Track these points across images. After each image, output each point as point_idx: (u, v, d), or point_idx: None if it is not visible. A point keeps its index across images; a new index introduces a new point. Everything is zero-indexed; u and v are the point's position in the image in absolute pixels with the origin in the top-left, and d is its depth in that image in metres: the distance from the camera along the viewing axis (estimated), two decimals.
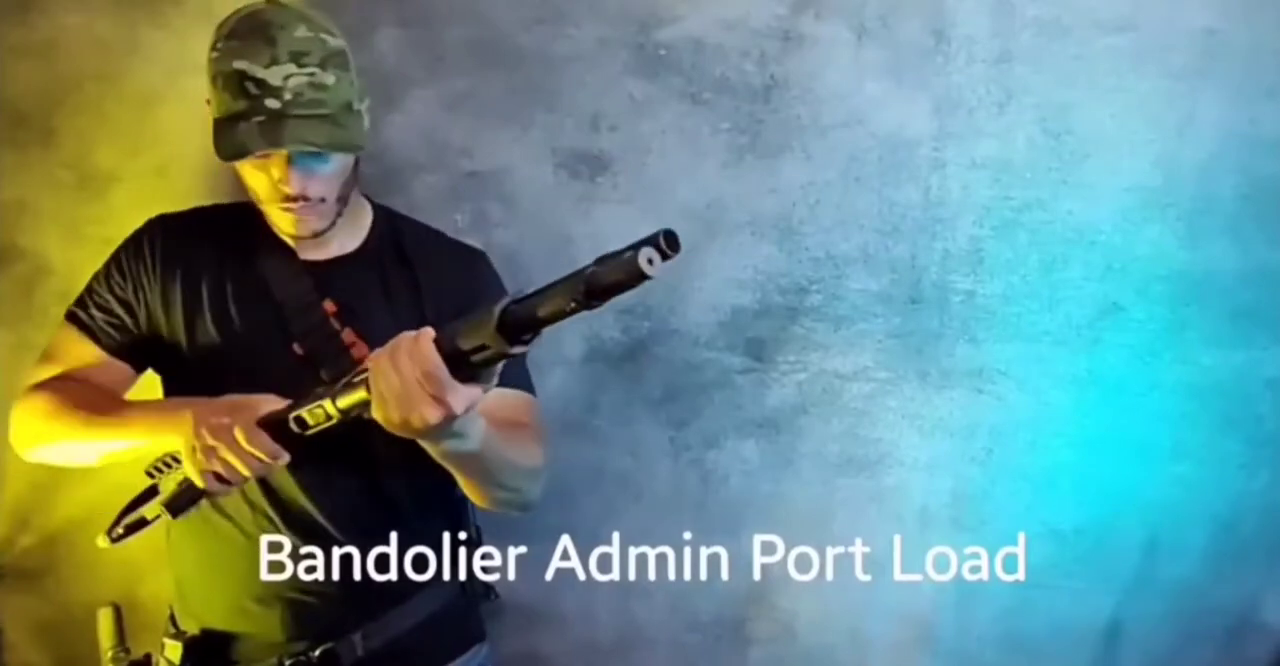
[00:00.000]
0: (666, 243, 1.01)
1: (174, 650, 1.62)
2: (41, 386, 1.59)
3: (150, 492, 1.49)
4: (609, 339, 1.98)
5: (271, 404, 1.39)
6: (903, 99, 1.86)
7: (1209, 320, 1.90)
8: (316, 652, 1.57)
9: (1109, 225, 1.87)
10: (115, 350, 1.61)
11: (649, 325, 1.98)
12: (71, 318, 1.62)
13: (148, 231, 1.62)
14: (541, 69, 1.90)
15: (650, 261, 0.98)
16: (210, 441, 1.35)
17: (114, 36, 1.90)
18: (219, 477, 1.38)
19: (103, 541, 1.49)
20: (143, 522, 1.50)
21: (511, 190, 1.95)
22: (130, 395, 1.63)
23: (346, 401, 1.27)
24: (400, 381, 1.14)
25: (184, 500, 1.48)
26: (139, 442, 1.47)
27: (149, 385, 1.63)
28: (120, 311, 1.60)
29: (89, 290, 1.62)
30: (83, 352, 1.61)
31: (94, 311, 1.61)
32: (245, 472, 1.35)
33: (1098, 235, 1.88)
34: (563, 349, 2.00)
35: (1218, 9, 1.78)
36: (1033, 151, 1.85)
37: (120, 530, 1.50)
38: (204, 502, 1.51)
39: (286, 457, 1.35)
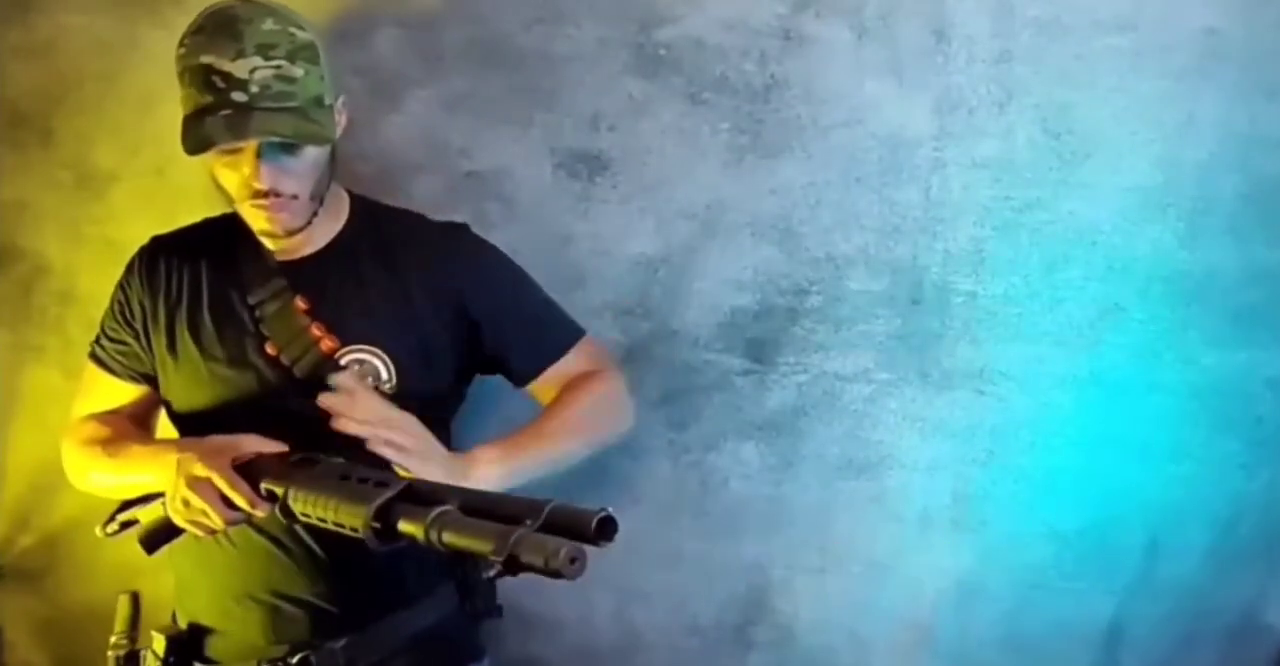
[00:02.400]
0: (599, 531, 1.07)
1: (159, 643, 1.64)
2: (79, 424, 1.69)
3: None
4: (608, 340, 1.98)
5: (256, 444, 1.42)
6: (903, 99, 1.85)
7: (1210, 320, 1.89)
8: (294, 659, 1.57)
9: (1110, 225, 1.86)
10: (131, 377, 1.66)
11: (648, 326, 1.98)
12: (90, 354, 1.71)
13: (139, 254, 1.68)
14: (541, 69, 1.90)
15: (573, 560, 1.00)
16: (185, 492, 1.37)
17: (114, 36, 1.91)
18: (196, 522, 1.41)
19: (99, 532, 1.52)
20: (136, 523, 1.52)
21: (511, 190, 1.95)
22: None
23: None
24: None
25: (159, 537, 1.52)
26: (138, 479, 1.53)
27: None
28: (126, 336, 1.65)
29: (101, 323, 1.69)
30: (103, 385, 1.71)
31: (105, 342, 1.68)
32: (219, 525, 1.40)
33: (1098, 235, 1.87)
34: None
35: (1218, 9, 1.77)
36: (1033, 151, 1.85)
37: (115, 526, 1.52)
38: None
39: (265, 510, 1.37)
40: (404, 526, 1.17)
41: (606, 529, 1.07)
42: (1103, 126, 1.83)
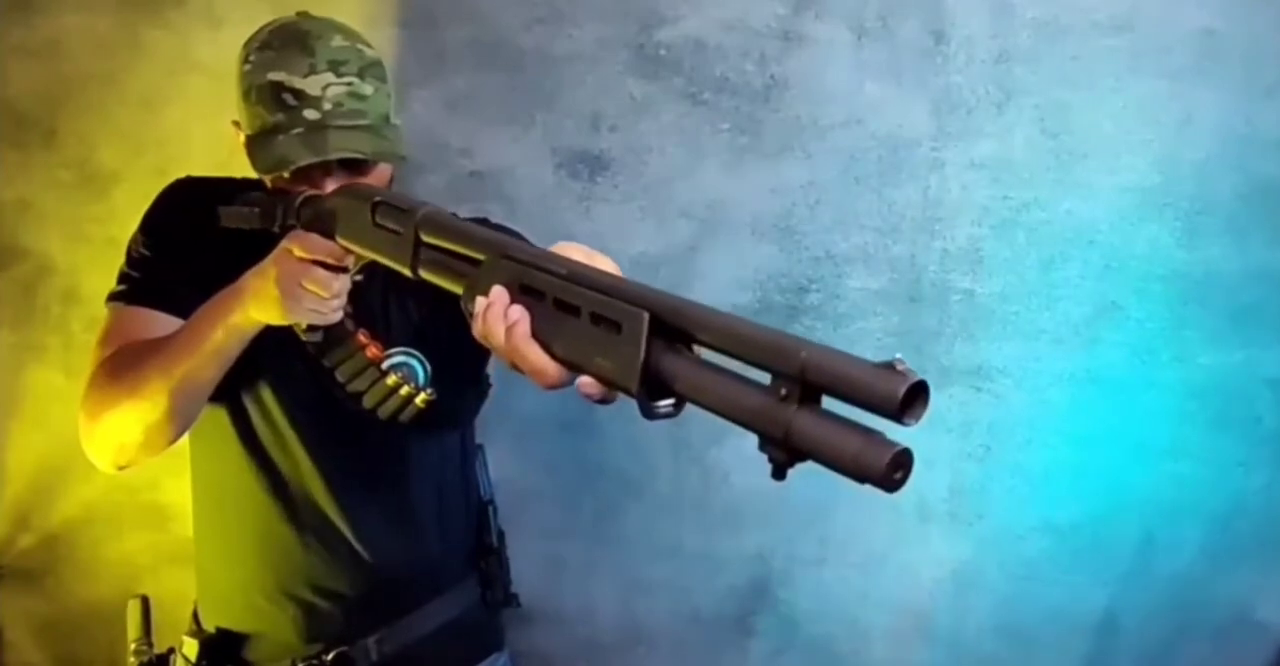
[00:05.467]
0: (905, 405, 0.65)
1: (191, 647, 1.62)
2: (99, 367, 1.42)
3: None
4: None
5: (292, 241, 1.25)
6: (902, 99, 1.87)
7: (1207, 319, 1.91)
8: (330, 656, 1.56)
9: (1107, 224, 1.88)
10: (161, 304, 1.45)
11: None
12: (111, 297, 1.48)
13: (176, 190, 1.54)
14: (541, 69, 1.91)
15: (897, 468, 0.66)
16: (290, 289, 1.23)
17: (115, 36, 1.90)
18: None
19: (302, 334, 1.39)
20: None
21: (512, 190, 1.95)
22: None
23: (434, 278, 1.07)
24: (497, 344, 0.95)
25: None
26: (212, 343, 1.32)
27: None
28: (156, 263, 1.47)
29: (138, 263, 1.48)
30: (129, 317, 1.46)
31: (128, 272, 1.48)
32: (327, 293, 1.24)
33: (1096, 234, 1.89)
34: None
35: (1216, 9, 1.79)
36: (1031, 151, 1.86)
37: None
38: (226, 496, 1.52)
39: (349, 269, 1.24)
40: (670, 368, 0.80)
41: (915, 400, 0.65)
42: (1101, 126, 1.85)
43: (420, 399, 1.51)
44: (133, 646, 1.72)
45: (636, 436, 2.05)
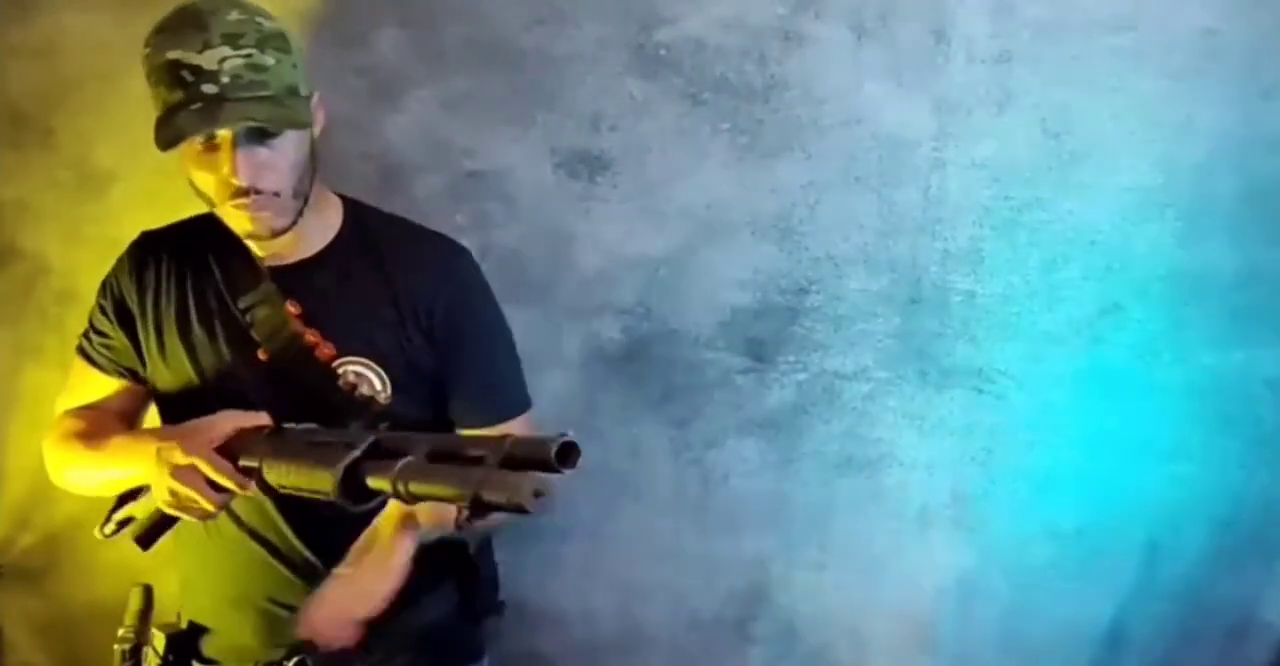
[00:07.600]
0: (560, 458, 1.03)
1: (159, 640, 1.63)
2: (61, 418, 1.63)
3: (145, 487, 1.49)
4: (609, 339, 1.99)
5: (234, 420, 1.37)
6: (903, 99, 1.86)
7: (1208, 319, 1.90)
8: (290, 662, 1.55)
9: (1108, 225, 1.87)
10: (117, 372, 1.62)
11: (649, 325, 1.98)
12: (78, 348, 1.65)
13: (129, 249, 1.63)
14: (541, 69, 1.90)
15: (537, 494, 0.97)
16: (171, 482, 1.33)
17: (114, 36, 1.90)
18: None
19: (98, 533, 1.50)
20: (132, 520, 1.50)
21: (511, 190, 1.95)
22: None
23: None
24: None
25: (154, 531, 1.49)
26: (117, 473, 1.48)
27: None
28: (111, 332, 1.60)
29: (89, 317, 1.64)
30: (89, 380, 1.64)
31: (92, 336, 1.63)
32: (211, 508, 1.35)
33: (1097, 235, 1.88)
34: (562, 349, 2.00)
35: (1217, 9, 1.78)
36: (1032, 151, 1.85)
37: (112, 526, 1.50)
38: None
39: (252, 487, 1.32)
40: (373, 483, 1.14)
41: (568, 455, 1.04)
42: (1101, 127, 1.84)
43: (383, 397, 1.50)
44: (121, 631, 1.72)
45: (636, 438, 2.05)
